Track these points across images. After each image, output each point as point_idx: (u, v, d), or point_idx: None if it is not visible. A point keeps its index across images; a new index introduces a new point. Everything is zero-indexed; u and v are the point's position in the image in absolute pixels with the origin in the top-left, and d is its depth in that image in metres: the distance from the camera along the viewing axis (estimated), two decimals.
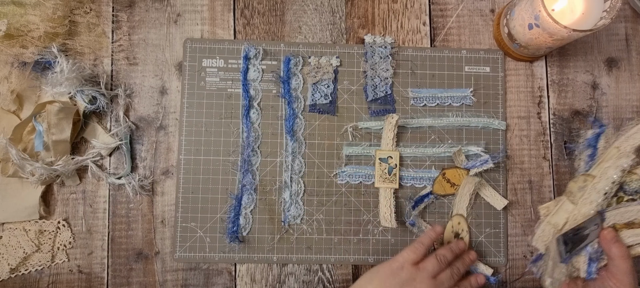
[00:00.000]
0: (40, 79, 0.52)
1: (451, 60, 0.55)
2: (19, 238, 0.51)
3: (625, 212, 0.43)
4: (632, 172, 0.44)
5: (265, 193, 0.53)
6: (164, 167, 0.53)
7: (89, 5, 0.54)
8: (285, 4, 0.56)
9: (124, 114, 0.53)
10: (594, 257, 0.43)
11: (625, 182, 0.44)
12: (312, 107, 0.54)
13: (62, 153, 0.50)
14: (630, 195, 0.44)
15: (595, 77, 0.56)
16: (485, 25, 0.57)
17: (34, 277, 0.51)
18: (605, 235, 0.43)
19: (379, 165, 0.52)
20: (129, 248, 0.52)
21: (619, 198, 0.44)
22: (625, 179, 0.44)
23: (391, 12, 0.56)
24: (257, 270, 0.53)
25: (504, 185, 0.54)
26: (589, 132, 0.49)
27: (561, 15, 0.47)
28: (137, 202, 0.53)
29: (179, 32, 0.55)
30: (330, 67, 0.54)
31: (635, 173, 0.44)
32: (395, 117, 0.51)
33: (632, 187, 0.44)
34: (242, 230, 0.52)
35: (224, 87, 0.54)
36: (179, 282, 0.52)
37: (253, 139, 0.53)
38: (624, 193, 0.44)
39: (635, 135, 0.45)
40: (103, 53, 0.54)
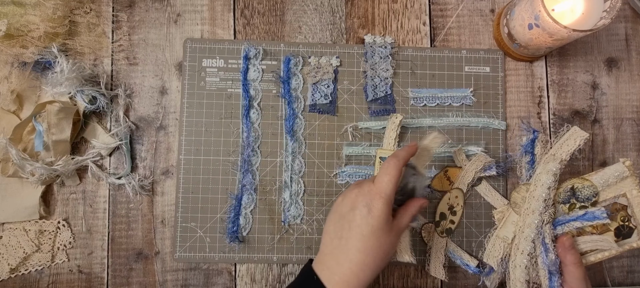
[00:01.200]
0: (40, 79, 0.52)
1: (451, 60, 0.55)
2: (19, 238, 0.51)
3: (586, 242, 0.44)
4: (585, 179, 0.44)
5: (265, 193, 0.53)
6: (164, 167, 0.53)
7: (89, 5, 0.54)
8: (285, 4, 0.56)
9: (124, 114, 0.53)
10: (553, 269, 0.43)
11: (578, 188, 0.44)
12: (312, 107, 0.54)
13: (62, 153, 0.50)
14: (582, 202, 0.44)
15: (595, 77, 0.56)
16: (485, 25, 0.57)
17: (34, 277, 0.51)
18: (563, 243, 0.44)
19: (378, 164, 0.52)
20: (129, 248, 0.52)
21: (571, 205, 0.45)
22: (577, 186, 0.44)
23: (391, 12, 0.56)
24: (257, 270, 0.53)
25: (504, 185, 0.54)
26: (524, 138, 0.50)
27: (561, 16, 0.47)
28: (137, 202, 0.53)
29: (179, 32, 0.55)
30: (330, 67, 0.54)
31: (587, 180, 0.44)
32: (399, 117, 0.51)
33: (584, 194, 0.44)
34: (242, 230, 0.52)
35: (224, 87, 0.54)
36: (179, 282, 0.52)
37: (253, 139, 0.53)
38: (577, 200, 0.45)
39: (568, 141, 0.45)
40: (103, 53, 0.54)
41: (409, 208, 0.43)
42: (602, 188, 0.44)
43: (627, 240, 0.43)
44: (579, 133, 0.46)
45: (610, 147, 0.56)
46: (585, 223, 0.44)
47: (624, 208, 0.43)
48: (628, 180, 0.43)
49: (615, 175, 0.43)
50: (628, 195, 0.43)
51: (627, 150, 0.56)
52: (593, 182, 0.44)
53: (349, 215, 0.40)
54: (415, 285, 0.54)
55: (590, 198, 0.44)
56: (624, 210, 0.43)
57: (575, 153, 0.55)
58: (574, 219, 0.44)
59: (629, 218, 0.43)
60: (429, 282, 0.54)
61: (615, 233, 0.43)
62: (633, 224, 0.43)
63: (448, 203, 0.53)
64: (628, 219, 0.43)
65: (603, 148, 0.56)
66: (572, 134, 0.46)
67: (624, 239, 0.43)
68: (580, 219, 0.44)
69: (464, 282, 0.54)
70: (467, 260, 0.51)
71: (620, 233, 0.43)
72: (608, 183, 0.44)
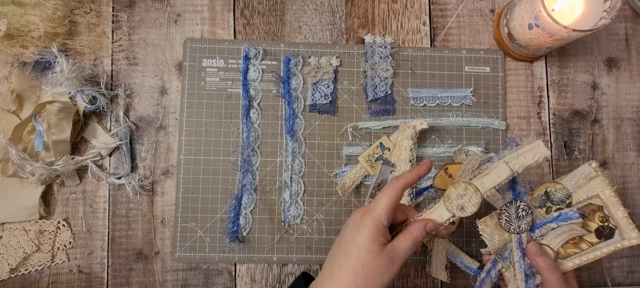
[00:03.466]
0: (40, 79, 0.52)
1: (451, 60, 0.55)
2: (19, 238, 0.51)
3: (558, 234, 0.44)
4: (557, 182, 0.45)
5: (265, 193, 0.53)
6: (164, 167, 0.53)
7: (89, 5, 0.54)
8: (285, 4, 0.56)
9: (124, 114, 0.53)
10: (529, 272, 0.43)
11: (551, 192, 0.45)
12: (312, 107, 0.54)
13: (62, 153, 0.50)
14: (556, 205, 0.45)
15: (595, 77, 0.56)
16: (485, 25, 0.57)
17: (34, 277, 0.51)
18: (530, 249, 0.43)
19: (374, 147, 0.52)
20: (129, 248, 0.52)
21: (547, 209, 0.45)
22: (550, 189, 0.45)
23: (391, 12, 0.56)
24: (257, 270, 0.53)
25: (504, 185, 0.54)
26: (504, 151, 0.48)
27: (561, 16, 0.47)
28: (137, 202, 0.53)
29: (179, 32, 0.55)
30: (330, 67, 0.54)
31: (558, 183, 0.45)
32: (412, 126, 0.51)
33: (557, 196, 0.44)
34: (242, 230, 0.52)
35: (224, 87, 0.54)
36: (179, 282, 0.52)
37: (253, 139, 0.53)
38: (552, 203, 0.45)
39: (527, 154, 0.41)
40: (103, 53, 0.54)
41: (409, 230, 0.39)
42: (574, 190, 0.44)
43: (610, 241, 0.43)
44: (541, 149, 0.41)
45: (610, 147, 0.56)
46: (561, 224, 0.44)
47: (600, 209, 0.44)
48: (597, 180, 0.44)
49: (583, 177, 0.44)
50: (601, 195, 0.43)
51: (627, 150, 0.56)
52: (564, 185, 0.44)
53: (343, 234, 0.39)
54: (415, 285, 0.54)
55: (564, 200, 0.44)
56: (601, 211, 0.43)
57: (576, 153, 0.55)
58: (550, 221, 0.44)
59: (606, 218, 0.43)
60: (429, 282, 0.54)
61: (597, 235, 0.43)
62: (612, 224, 0.43)
63: None
64: (606, 219, 0.43)
65: (603, 148, 0.56)
66: (534, 148, 0.41)
67: (606, 240, 0.43)
68: (555, 220, 0.44)
69: (463, 282, 0.54)
70: (468, 262, 0.51)
71: (601, 235, 0.43)
72: (578, 184, 0.44)
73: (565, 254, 0.44)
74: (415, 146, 0.51)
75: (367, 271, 0.37)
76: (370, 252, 0.37)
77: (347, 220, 0.40)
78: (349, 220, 0.40)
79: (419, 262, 0.53)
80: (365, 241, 0.37)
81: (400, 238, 0.39)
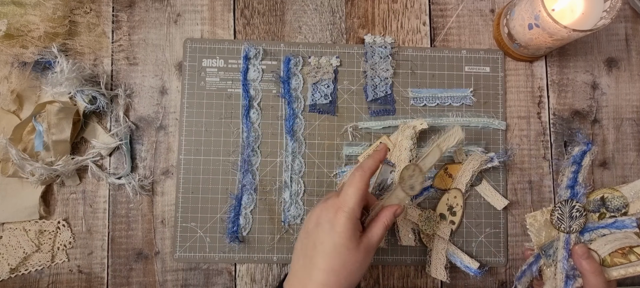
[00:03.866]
0: (40, 79, 0.52)
1: (451, 60, 0.55)
2: (19, 238, 0.51)
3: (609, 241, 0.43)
4: (615, 190, 0.44)
5: (265, 193, 0.53)
6: (164, 167, 0.53)
7: (89, 5, 0.54)
8: (285, 4, 0.56)
9: (124, 114, 0.53)
10: (570, 274, 0.43)
11: (608, 198, 0.44)
12: (312, 107, 0.54)
13: (62, 153, 0.50)
14: (611, 213, 0.44)
15: (595, 77, 0.56)
16: (485, 25, 0.57)
17: (34, 277, 0.51)
18: (576, 251, 0.42)
19: (374, 146, 0.52)
20: (129, 248, 0.52)
21: (601, 215, 0.44)
22: (607, 196, 0.44)
23: (391, 12, 0.56)
24: (257, 270, 0.53)
25: (504, 185, 0.54)
26: (576, 148, 0.49)
27: (561, 15, 0.47)
28: (137, 202, 0.53)
29: (179, 32, 0.55)
30: (330, 67, 0.54)
31: (616, 191, 0.44)
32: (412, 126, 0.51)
33: (614, 204, 0.44)
34: (242, 230, 0.52)
35: (224, 87, 0.54)
36: (179, 282, 0.52)
37: (253, 139, 0.53)
38: (606, 210, 0.44)
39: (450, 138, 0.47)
40: (103, 53, 0.54)
41: (380, 219, 0.40)
42: (632, 199, 0.43)
43: None
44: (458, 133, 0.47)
45: (610, 147, 0.56)
46: (614, 231, 0.43)
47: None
48: None
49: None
50: None
51: (627, 150, 0.56)
52: (623, 193, 0.43)
53: (313, 232, 0.38)
54: (415, 285, 0.54)
55: (621, 209, 0.43)
56: None
57: None
58: (603, 226, 0.43)
59: None
60: (428, 282, 0.54)
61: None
62: None
63: (447, 204, 0.52)
64: None
65: (603, 149, 0.56)
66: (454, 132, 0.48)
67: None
68: (608, 227, 0.43)
69: (463, 283, 0.54)
70: (467, 263, 0.51)
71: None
72: (638, 195, 0.43)
73: (611, 262, 0.42)
74: (415, 146, 0.51)
75: (349, 269, 0.37)
76: (349, 249, 0.37)
77: (314, 216, 0.39)
78: (320, 217, 0.38)
79: (419, 262, 0.53)
80: (343, 239, 0.37)
81: (374, 228, 0.39)
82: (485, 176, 0.54)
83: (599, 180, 0.55)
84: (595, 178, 0.55)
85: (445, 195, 0.53)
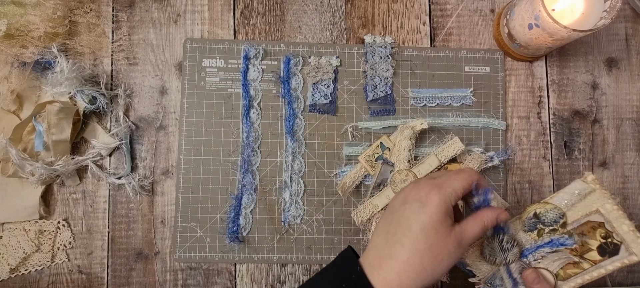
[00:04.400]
0: (40, 79, 0.52)
1: (451, 60, 0.55)
2: (19, 238, 0.51)
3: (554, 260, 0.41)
4: (546, 203, 0.42)
5: (265, 193, 0.53)
6: (164, 167, 0.53)
7: (89, 5, 0.54)
8: (285, 4, 0.56)
9: (124, 114, 0.53)
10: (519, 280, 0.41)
11: (541, 213, 0.42)
12: (312, 107, 0.54)
13: (62, 153, 0.50)
14: (549, 226, 0.42)
15: (595, 77, 0.56)
16: (485, 25, 0.57)
17: (34, 277, 0.51)
18: (527, 277, 0.39)
19: (374, 146, 0.52)
20: (129, 248, 0.52)
21: (539, 232, 0.42)
22: (540, 210, 0.42)
23: (391, 12, 0.56)
24: (257, 270, 0.53)
25: (504, 185, 0.54)
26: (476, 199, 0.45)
27: (561, 16, 0.47)
28: (137, 202, 0.53)
29: (179, 32, 0.55)
30: (330, 67, 0.54)
31: (548, 204, 0.42)
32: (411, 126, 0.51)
33: (549, 218, 0.41)
34: (242, 230, 0.52)
35: (224, 87, 0.54)
36: (179, 282, 0.52)
37: (253, 139, 0.53)
38: (543, 224, 0.42)
39: (449, 148, 0.50)
40: (103, 53, 0.54)
41: (480, 216, 0.37)
42: (567, 208, 0.41)
43: (616, 258, 0.39)
44: (458, 144, 0.50)
45: (610, 147, 0.56)
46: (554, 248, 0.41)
47: (601, 225, 0.40)
48: (596, 194, 0.40)
49: (576, 194, 0.40)
50: (601, 210, 0.39)
51: (627, 150, 0.56)
52: (555, 204, 0.41)
53: (399, 210, 0.36)
54: None
55: (558, 221, 0.41)
56: (602, 227, 0.40)
57: (576, 153, 0.55)
58: (541, 246, 0.41)
59: (609, 234, 0.39)
60: None
61: (599, 252, 0.40)
62: (617, 240, 0.39)
63: None
64: (609, 235, 0.40)
65: (603, 149, 0.56)
66: (453, 143, 0.50)
67: (610, 257, 0.39)
68: (547, 246, 0.41)
69: (463, 283, 0.54)
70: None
71: (605, 252, 0.40)
72: (571, 202, 0.41)
73: (565, 275, 0.41)
74: (414, 146, 0.51)
75: (435, 253, 0.34)
76: (439, 232, 0.34)
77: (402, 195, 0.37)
78: (408, 196, 0.36)
79: None
80: (433, 220, 0.34)
81: (470, 222, 0.36)
82: (486, 176, 0.54)
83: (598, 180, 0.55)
84: None
85: None
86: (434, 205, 0.34)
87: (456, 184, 0.35)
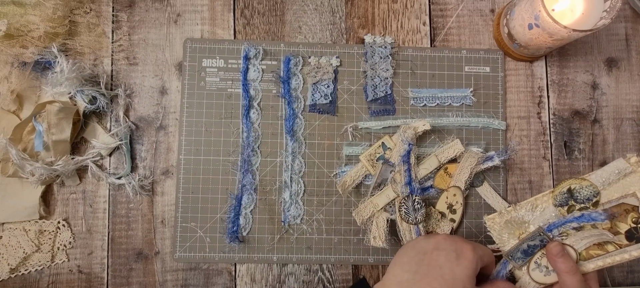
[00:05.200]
0: (40, 79, 0.52)
1: (451, 60, 0.55)
2: (19, 238, 0.51)
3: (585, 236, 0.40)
4: (583, 179, 0.41)
5: (265, 193, 0.53)
6: (164, 167, 0.53)
7: (89, 5, 0.54)
8: (285, 4, 0.56)
9: (124, 114, 0.53)
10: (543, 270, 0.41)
11: (575, 189, 0.41)
12: (312, 107, 0.54)
13: (62, 153, 0.50)
14: (581, 204, 0.41)
15: (595, 77, 0.56)
16: (485, 25, 0.57)
17: (34, 277, 0.51)
18: (551, 249, 0.40)
19: (376, 146, 0.52)
20: (129, 248, 0.52)
21: (570, 207, 0.41)
22: (574, 187, 0.41)
23: (391, 12, 0.56)
24: (257, 270, 0.53)
25: (504, 185, 0.54)
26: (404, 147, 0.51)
27: (561, 16, 0.47)
28: (137, 202, 0.53)
29: (179, 32, 0.55)
30: (330, 67, 0.54)
31: (585, 180, 0.41)
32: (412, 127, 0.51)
33: (582, 194, 0.40)
34: (242, 230, 0.52)
35: (224, 87, 0.54)
36: (179, 282, 0.52)
37: (253, 139, 0.53)
38: (575, 201, 0.41)
39: (449, 149, 0.52)
40: (103, 53, 0.54)
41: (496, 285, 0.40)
42: (603, 187, 0.40)
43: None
44: (458, 146, 0.52)
45: (610, 147, 0.56)
46: (582, 224, 0.40)
47: (634, 209, 0.38)
48: (635, 177, 0.38)
49: (616, 173, 0.39)
50: (639, 194, 0.38)
51: (627, 150, 0.56)
52: (592, 182, 0.40)
53: (431, 254, 0.37)
54: None
55: (591, 199, 0.40)
56: (635, 211, 0.38)
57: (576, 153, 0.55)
58: (570, 221, 0.40)
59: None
60: None
61: (627, 237, 0.39)
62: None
63: (446, 202, 0.52)
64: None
65: (603, 148, 0.56)
66: (454, 145, 0.52)
67: (637, 243, 0.38)
68: (576, 220, 0.40)
69: None
70: None
71: (633, 237, 0.38)
72: (609, 181, 0.40)
73: (587, 255, 0.40)
74: (415, 147, 0.51)
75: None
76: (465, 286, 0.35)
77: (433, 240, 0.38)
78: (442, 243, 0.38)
79: None
80: (464, 274, 0.35)
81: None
82: (486, 177, 0.54)
83: None
84: None
85: (444, 193, 0.53)
86: (469, 260, 0.36)
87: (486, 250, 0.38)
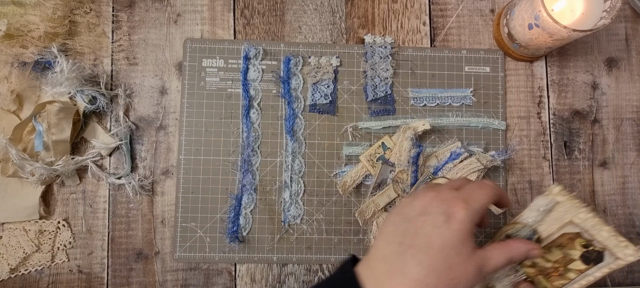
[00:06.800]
0: (40, 79, 0.52)
1: (451, 60, 0.55)
2: (19, 238, 0.51)
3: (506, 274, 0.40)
4: (515, 223, 0.40)
5: (265, 193, 0.53)
6: (164, 167, 0.53)
7: (89, 5, 0.54)
8: (285, 4, 0.56)
9: (124, 114, 0.53)
10: None
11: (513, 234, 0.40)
12: (312, 107, 0.54)
13: (62, 153, 0.50)
14: None
15: (595, 77, 0.56)
16: (485, 25, 0.57)
17: (34, 277, 0.51)
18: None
19: (376, 146, 0.52)
20: (129, 248, 0.52)
21: None
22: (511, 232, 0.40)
23: (391, 12, 0.56)
24: (257, 270, 0.53)
25: (504, 185, 0.54)
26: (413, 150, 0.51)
27: (561, 15, 0.47)
28: (137, 202, 0.53)
29: (179, 32, 0.55)
30: (330, 67, 0.54)
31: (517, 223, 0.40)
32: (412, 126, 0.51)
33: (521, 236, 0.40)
34: (242, 230, 0.52)
35: (224, 87, 0.54)
36: (179, 282, 0.52)
37: (253, 139, 0.53)
38: None
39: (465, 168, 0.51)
40: (103, 53, 0.54)
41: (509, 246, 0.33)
42: (537, 224, 0.39)
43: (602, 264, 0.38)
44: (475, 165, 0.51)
45: (610, 147, 0.56)
46: (455, 163, 0.50)
47: (578, 235, 0.38)
48: (565, 206, 0.38)
49: (541, 210, 0.38)
50: (575, 220, 0.38)
51: (627, 150, 0.56)
52: (524, 223, 0.39)
53: (417, 220, 0.32)
54: None
55: (531, 237, 0.39)
56: (580, 237, 0.38)
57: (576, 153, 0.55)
58: (445, 163, 0.50)
59: (589, 243, 0.38)
60: None
61: (583, 261, 0.38)
62: (598, 247, 0.38)
63: None
64: (590, 243, 0.38)
65: (603, 148, 0.56)
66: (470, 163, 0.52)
67: (595, 264, 0.38)
68: (449, 161, 0.51)
69: None
70: None
71: (589, 260, 0.38)
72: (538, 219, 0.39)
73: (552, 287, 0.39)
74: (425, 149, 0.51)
75: (452, 276, 0.30)
76: (460, 253, 0.30)
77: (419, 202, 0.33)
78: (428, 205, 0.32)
79: None
80: (456, 240, 0.30)
81: (496, 249, 0.33)
82: (486, 177, 0.54)
83: (599, 180, 0.55)
84: (595, 179, 0.55)
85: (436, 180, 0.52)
86: (460, 222, 0.31)
87: (482, 200, 0.32)
